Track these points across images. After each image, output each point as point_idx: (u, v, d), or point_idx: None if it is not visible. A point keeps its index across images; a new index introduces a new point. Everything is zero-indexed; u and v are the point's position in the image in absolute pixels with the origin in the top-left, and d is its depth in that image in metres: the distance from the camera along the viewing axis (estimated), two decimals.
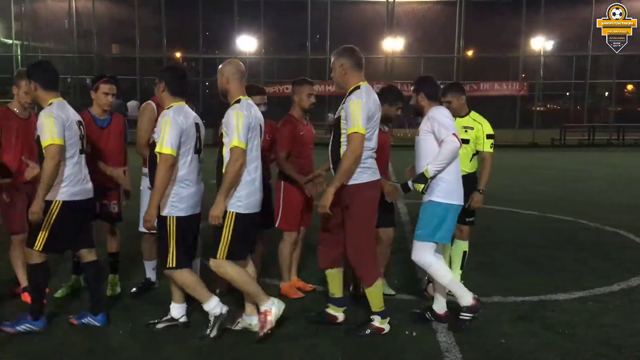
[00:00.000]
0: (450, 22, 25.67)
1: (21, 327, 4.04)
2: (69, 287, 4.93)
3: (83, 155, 4.13)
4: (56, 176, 3.87)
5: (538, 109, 28.61)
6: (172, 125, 3.86)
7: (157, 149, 3.87)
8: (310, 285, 5.12)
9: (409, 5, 27.13)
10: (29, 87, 4.18)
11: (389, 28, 25.85)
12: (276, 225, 4.98)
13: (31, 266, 4.08)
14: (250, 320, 4.20)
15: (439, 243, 4.27)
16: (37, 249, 3.98)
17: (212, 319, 4.03)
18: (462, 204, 4.34)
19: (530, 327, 4.37)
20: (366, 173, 4.05)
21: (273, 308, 4.01)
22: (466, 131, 4.91)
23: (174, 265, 4.00)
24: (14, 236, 4.62)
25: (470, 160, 4.97)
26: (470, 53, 28.31)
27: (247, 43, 28.53)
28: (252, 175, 3.98)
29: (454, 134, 4.06)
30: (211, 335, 3.99)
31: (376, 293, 4.18)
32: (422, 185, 4.16)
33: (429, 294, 4.80)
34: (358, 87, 4.05)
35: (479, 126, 4.92)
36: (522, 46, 26.09)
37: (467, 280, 5.09)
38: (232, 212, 3.95)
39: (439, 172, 4.09)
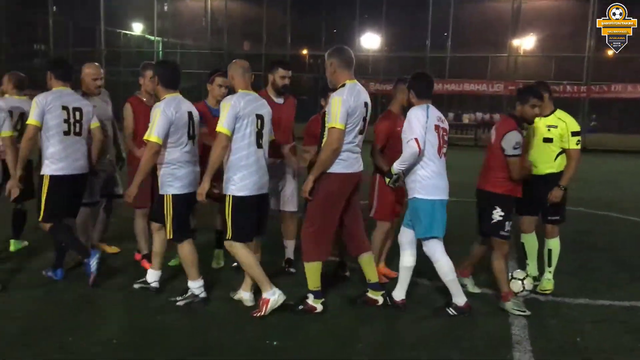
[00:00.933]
0: (581, 19, 24.28)
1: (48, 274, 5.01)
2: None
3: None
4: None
5: None
6: (162, 116, 4.35)
7: (145, 137, 4.40)
8: (395, 272, 5.28)
9: (536, 3, 26.06)
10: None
11: (514, 26, 25.02)
12: (371, 215, 5.22)
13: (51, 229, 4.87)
14: (244, 294, 4.62)
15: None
16: None
17: (189, 293, 4.58)
18: (446, 198, 4.51)
19: (611, 330, 4.37)
20: (339, 165, 4.34)
21: (272, 298, 4.35)
22: (549, 130, 4.97)
23: (171, 237, 4.55)
24: (137, 210, 5.38)
25: (555, 159, 5.00)
26: (610, 53, 26.64)
27: (369, 41, 28.97)
28: (244, 160, 4.31)
29: (416, 139, 4.28)
30: (178, 304, 4.51)
31: (312, 272, 4.46)
32: (389, 179, 4.53)
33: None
34: (343, 85, 4.34)
35: (563, 124, 4.95)
36: None
37: (555, 280, 5.13)
38: (229, 195, 4.36)
39: (402, 170, 4.41)
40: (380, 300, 4.69)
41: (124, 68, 28.89)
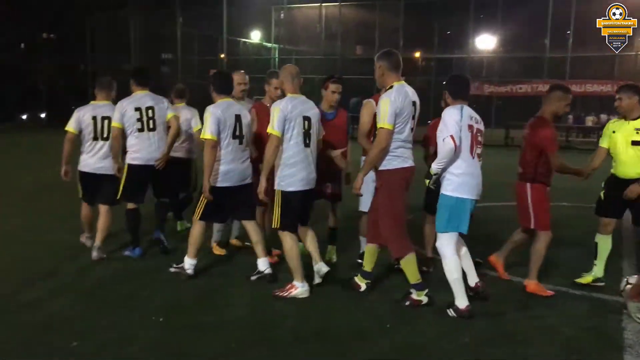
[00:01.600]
0: None
1: (126, 253, 5.94)
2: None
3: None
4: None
5: None
6: (211, 118, 5.00)
7: (201, 136, 5.08)
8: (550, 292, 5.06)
9: None
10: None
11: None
12: (532, 226, 5.05)
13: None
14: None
15: (460, 233, 4.54)
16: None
17: (180, 266, 5.31)
18: (475, 197, 4.53)
19: None
20: (395, 160, 4.63)
21: (300, 288, 4.84)
22: (637, 132, 4.88)
23: (198, 218, 5.24)
24: None
25: None
26: None
27: (483, 42, 28.35)
28: (292, 159, 4.76)
29: (451, 136, 4.32)
30: (170, 269, 5.37)
31: (409, 266, 4.65)
32: (428, 181, 4.58)
33: (625, 295, 4.81)
34: (391, 87, 4.57)
35: None
36: None
37: None
38: (279, 191, 4.81)
39: (441, 169, 4.46)
40: (363, 286, 5.01)
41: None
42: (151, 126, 5.79)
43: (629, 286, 4.78)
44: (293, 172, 4.78)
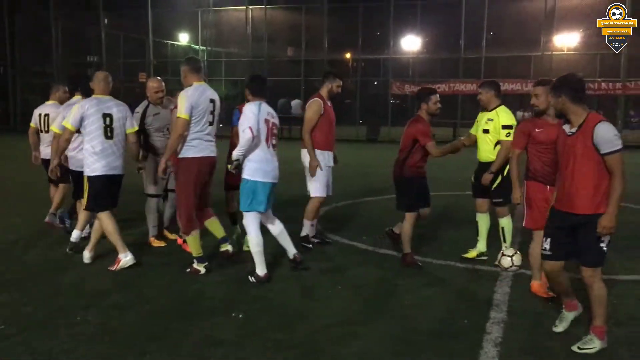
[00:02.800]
0: None
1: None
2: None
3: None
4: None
5: None
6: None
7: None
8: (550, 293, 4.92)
9: (572, 1, 26.09)
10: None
11: (548, 24, 25.16)
12: (523, 224, 5.06)
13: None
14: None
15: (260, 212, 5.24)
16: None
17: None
18: (269, 180, 5.24)
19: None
20: (191, 150, 5.34)
21: (124, 259, 5.51)
22: (487, 122, 5.73)
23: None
24: None
25: (494, 148, 5.71)
26: None
27: (408, 43, 29.53)
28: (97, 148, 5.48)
29: (250, 127, 5.06)
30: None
31: (193, 242, 5.46)
32: (230, 165, 5.29)
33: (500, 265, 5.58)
34: (191, 85, 5.40)
35: (497, 118, 5.66)
36: None
37: None
38: (85, 176, 5.59)
39: (242, 155, 5.14)
40: (230, 248, 5.73)
41: (171, 77, 30.28)
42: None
43: (503, 257, 5.55)
44: (95, 159, 5.49)
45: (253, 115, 5.13)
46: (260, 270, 5.24)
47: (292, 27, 30.84)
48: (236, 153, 5.15)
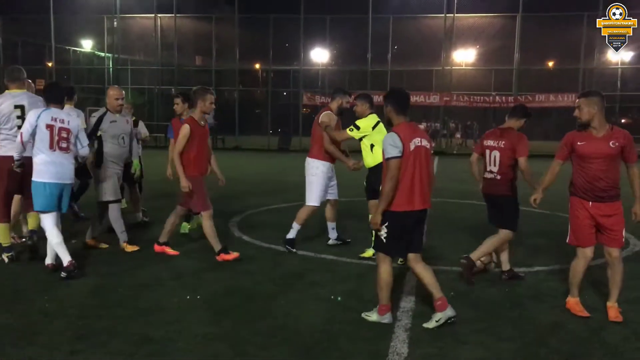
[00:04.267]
0: (510, 35, 26.24)
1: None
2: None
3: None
4: None
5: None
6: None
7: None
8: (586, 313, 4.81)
9: (469, 20, 27.92)
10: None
11: (447, 41, 26.78)
12: (567, 241, 4.88)
13: None
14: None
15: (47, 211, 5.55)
16: None
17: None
18: (55, 181, 5.51)
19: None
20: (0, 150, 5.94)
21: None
22: (351, 130, 6.25)
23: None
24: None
25: (372, 151, 6.19)
26: (551, 64, 28.74)
27: (317, 55, 30.30)
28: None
29: (21, 133, 5.53)
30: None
31: (1, 232, 6.02)
32: (13, 164, 5.72)
33: None
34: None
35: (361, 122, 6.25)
36: (582, 58, 26.18)
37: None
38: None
39: (19, 155, 5.67)
40: (6, 260, 5.94)
41: (74, 84, 29.18)
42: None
43: None
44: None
45: (29, 123, 5.51)
46: (66, 259, 5.43)
47: (202, 36, 30.74)
48: (15, 155, 5.66)
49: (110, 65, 31.17)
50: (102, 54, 31.75)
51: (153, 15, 29.10)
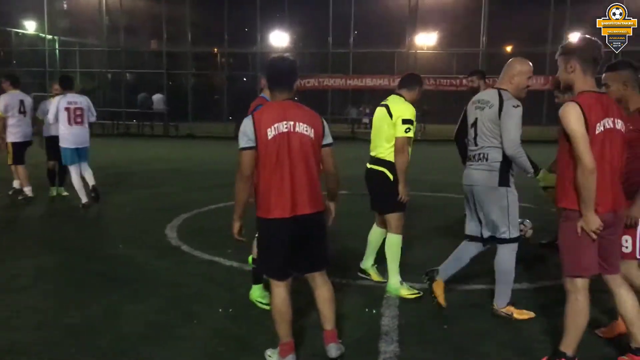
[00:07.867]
0: (475, 16, 25.40)
1: None
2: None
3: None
4: None
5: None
6: None
7: None
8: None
9: (433, 1, 26.95)
10: None
11: (411, 23, 25.76)
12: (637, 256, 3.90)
13: None
14: None
15: None
16: None
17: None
18: (74, 146, 8.46)
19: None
20: None
21: None
22: None
23: None
24: None
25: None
26: (509, 48, 28.08)
27: (277, 38, 28.89)
28: None
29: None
30: None
31: None
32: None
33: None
34: None
35: None
36: (549, 41, 25.52)
37: None
38: None
39: None
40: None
41: (18, 68, 27.21)
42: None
43: None
44: None
45: (54, 105, 8.32)
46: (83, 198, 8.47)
47: (155, 18, 28.98)
48: None
49: (56, 47, 29.12)
50: (48, 36, 29.62)
51: None
